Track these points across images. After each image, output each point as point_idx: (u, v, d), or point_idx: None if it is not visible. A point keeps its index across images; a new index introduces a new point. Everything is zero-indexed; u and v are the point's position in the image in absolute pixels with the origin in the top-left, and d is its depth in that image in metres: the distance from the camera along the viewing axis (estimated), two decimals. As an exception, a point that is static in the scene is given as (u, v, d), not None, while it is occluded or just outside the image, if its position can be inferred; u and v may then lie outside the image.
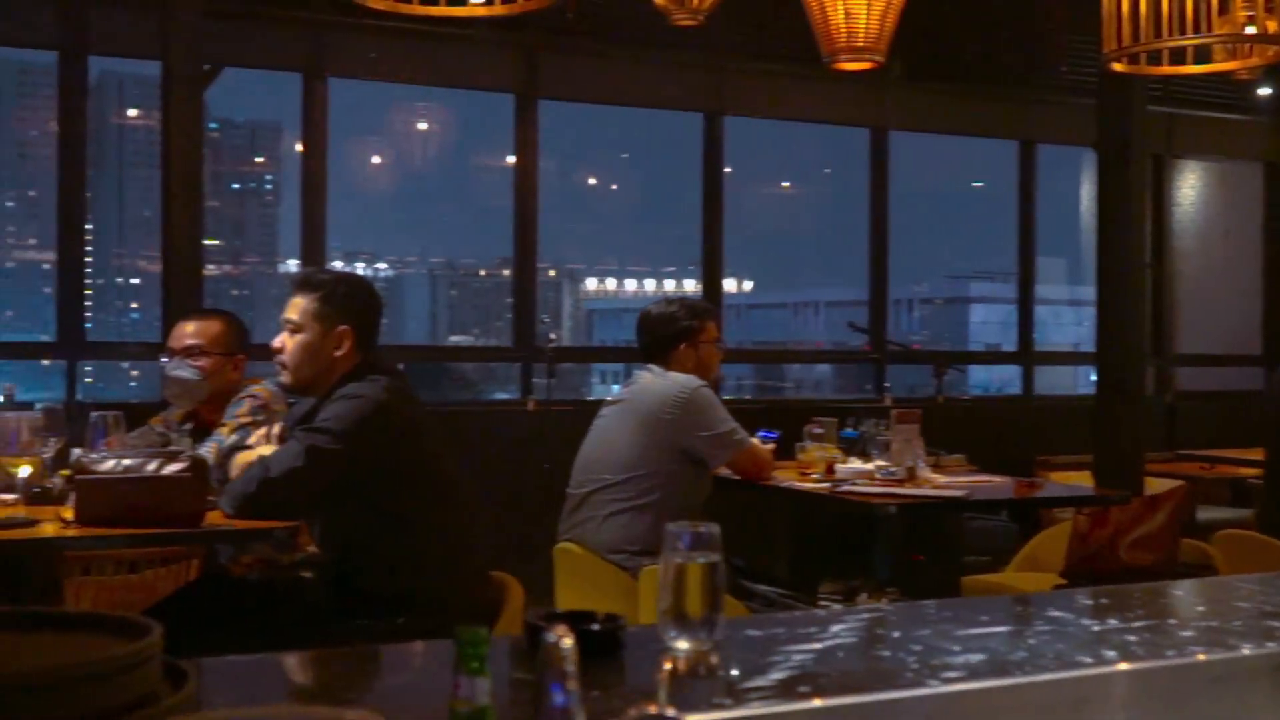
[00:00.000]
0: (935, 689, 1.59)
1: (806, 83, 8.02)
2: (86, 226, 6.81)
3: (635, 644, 1.75)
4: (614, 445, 4.41)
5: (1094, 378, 7.65)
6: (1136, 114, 7.20)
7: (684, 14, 4.88)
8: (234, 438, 3.88)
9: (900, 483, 4.61)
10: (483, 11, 4.68)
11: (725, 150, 8.08)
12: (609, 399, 4.67)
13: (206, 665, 1.62)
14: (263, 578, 3.72)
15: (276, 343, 3.63)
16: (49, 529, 3.20)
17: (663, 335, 4.56)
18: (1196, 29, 3.96)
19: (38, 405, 3.57)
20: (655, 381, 4.47)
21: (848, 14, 4.65)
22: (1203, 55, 4.43)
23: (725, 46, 7.65)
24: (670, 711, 1.20)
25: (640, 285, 19.90)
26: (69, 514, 3.26)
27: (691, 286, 8.38)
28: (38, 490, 3.42)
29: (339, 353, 3.58)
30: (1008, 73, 8.56)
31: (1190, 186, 9.60)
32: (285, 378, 3.64)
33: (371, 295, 3.78)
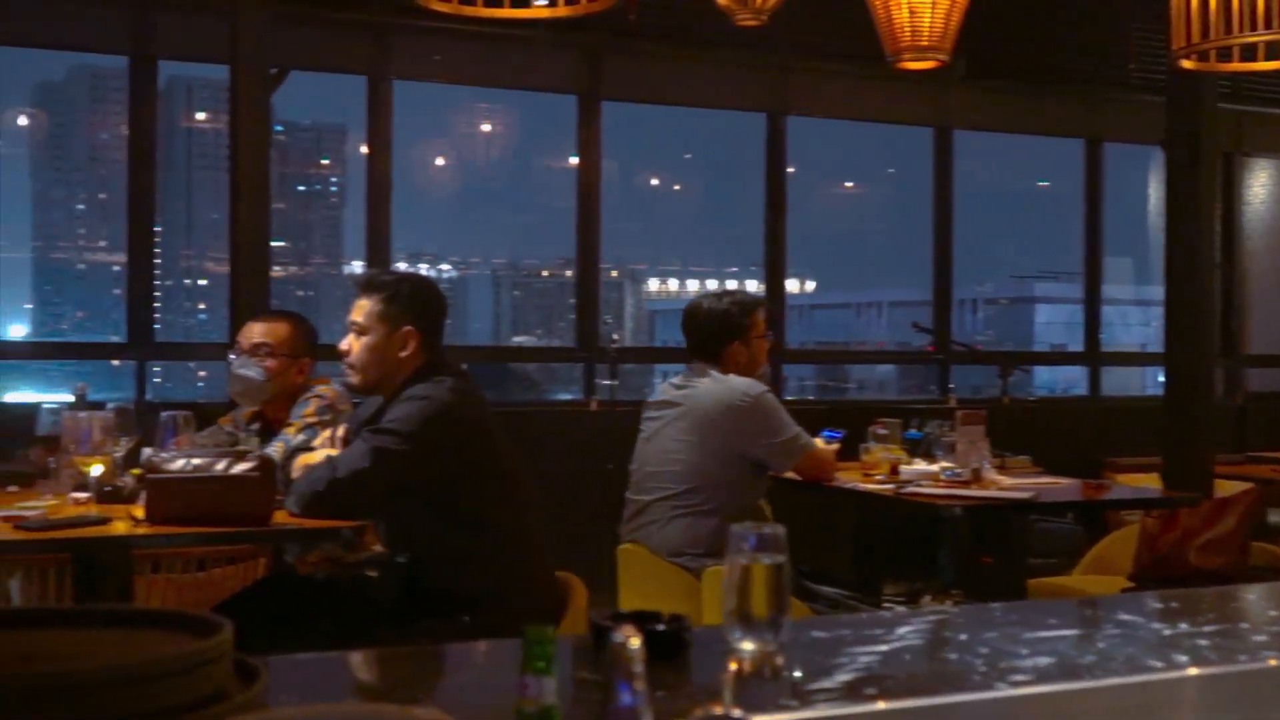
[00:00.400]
0: (1003, 692, 1.57)
1: (870, 82, 7.98)
2: (155, 229, 6.89)
3: (700, 644, 1.75)
4: (674, 457, 4.38)
5: (1162, 378, 7.55)
6: (1206, 111, 7.11)
7: (747, 14, 4.86)
8: (300, 438, 3.92)
9: (965, 484, 4.57)
10: (546, 13, 4.70)
11: (788, 150, 8.06)
12: (656, 399, 4.61)
13: (274, 663, 1.63)
14: (329, 576, 3.75)
15: (343, 345, 3.66)
16: (120, 527, 3.25)
17: (716, 333, 4.52)
18: (1267, 25, 3.91)
19: (109, 405, 3.61)
20: (714, 388, 4.40)
21: (912, 12, 4.62)
22: (1274, 51, 4.36)
23: (788, 46, 7.63)
24: (736, 712, 1.20)
25: (703, 285, 19.88)
26: (140, 512, 3.30)
27: (754, 287, 8.36)
28: (109, 489, 3.47)
29: (404, 353, 3.60)
30: (1074, 70, 8.48)
31: (1261, 185, 9.47)
32: (353, 379, 3.67)
33: (436, 295, 3.79)
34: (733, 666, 1.60)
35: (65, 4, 6.56)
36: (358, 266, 8.86)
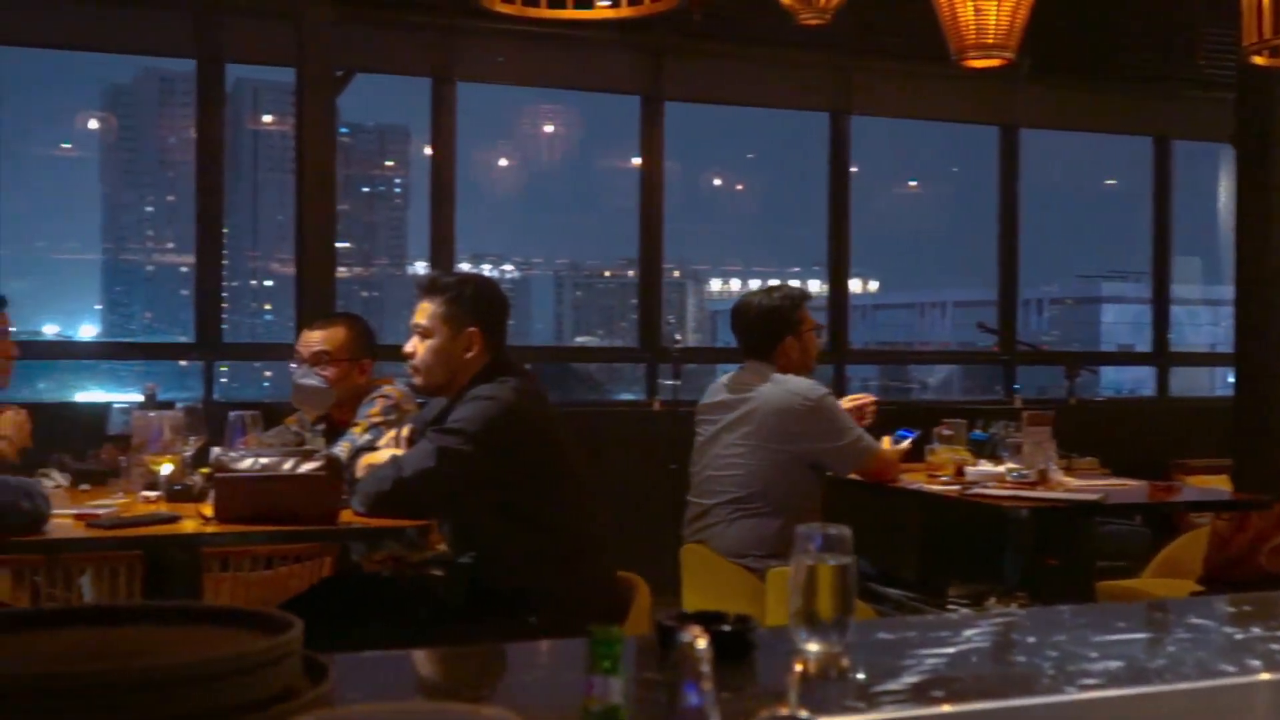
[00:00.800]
0: (1072, 695, 1.56)
1: (934, 80, 7.94)
2: (223, 230, 6.96)
3: (765, 646, 1.75)
4: (735, 461, 4.36)
5: (1232, 379, 7.45)
6: (1277, 108, 7.00)
7: (811, 13, 4.85)
8: (366, 437, 3.95)
9: (1032, 485, 4.53)
10: (609, 14, 4.70)
11: (851, 149, 8.03)
12: (710, 400, 4.59)
13: (339, 661, 1.65)
14: (394, 575, 3.78)
15: (408, 347, 3.67)
16: (190, 525, 3.28)
17: (768, 329, 4.49)
18: (1342, 20, 3.85)
19: (178, 404, 3.66)
20: (774, 391, 4.37)
21: (977, 10, 4.59)
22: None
23: (852, 45, 7.60)
24: (802, 714, 1.19)
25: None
26: (209, 511, 3.33)
27: (816, 287, 8.33)
28: (179, 488, 3.51)
29: (469, 354, 3.61)
30: (1141, 67, 8.38)
31: (1334, 182, 9.30)
32: (417, 381, 3.68)
33: (498, 296, 3.81)
34: (798, 668, 1.59)
35: (133, 8, 6.64)
36: (421, 267, 8.91)
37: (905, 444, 4.77)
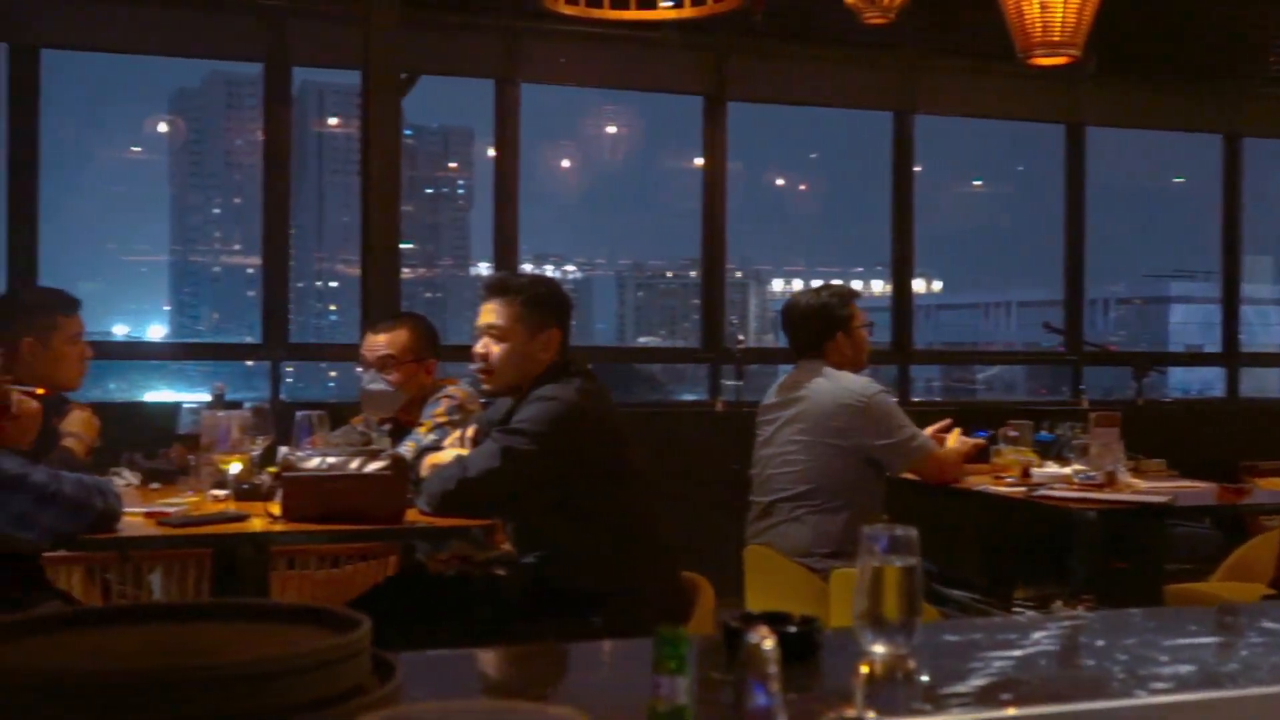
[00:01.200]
0: (1143, 700, 1.54)
1: (999, 79, 7.88)
2: (289, 232, 7.03)
3: (830, 647, 1.74)
4: (792, 458, 4.36)
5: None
6: (1351, 104, 6.89)
7: (875, 12, 4.83)
8: (431, 437, 3.97)
9: (1099, 487, 4.48)
10: (672, 15, 4.71)
11: (915, 149, 7.99)
12: (768, 401, 4.58)
13: (406, 659, 1.66)
14: (459, 574, 3.80)
15: (479, 348, 3.65)
16: (258, 524, 3.32)
17: (818, 326, 4.48)
18: None
19: (246, 404, 3.70)
20: (829, 388, 4.37)
21: (1043, 7, 4.55)
22: None
23: (915, 44, 7.56)
24: (869, 715, 1.19)
25: (827, 286, 19.74)
26: (276, 509, 3.37)
27: (879, 287, 8.29)
28: (247, 486, 3.54)
29: (545, 355, 3.62)
30: (1210, 64, 8.27)
31: None
32: (489, 384, 3.66)
33: (566, 296, 3.83)
34: (864, 669, 1.58)
35: (202, 13, 6.72)
36: (484, 268, 8.95)
37: (976, 441, 4.72)
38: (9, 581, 3.28)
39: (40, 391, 3.43)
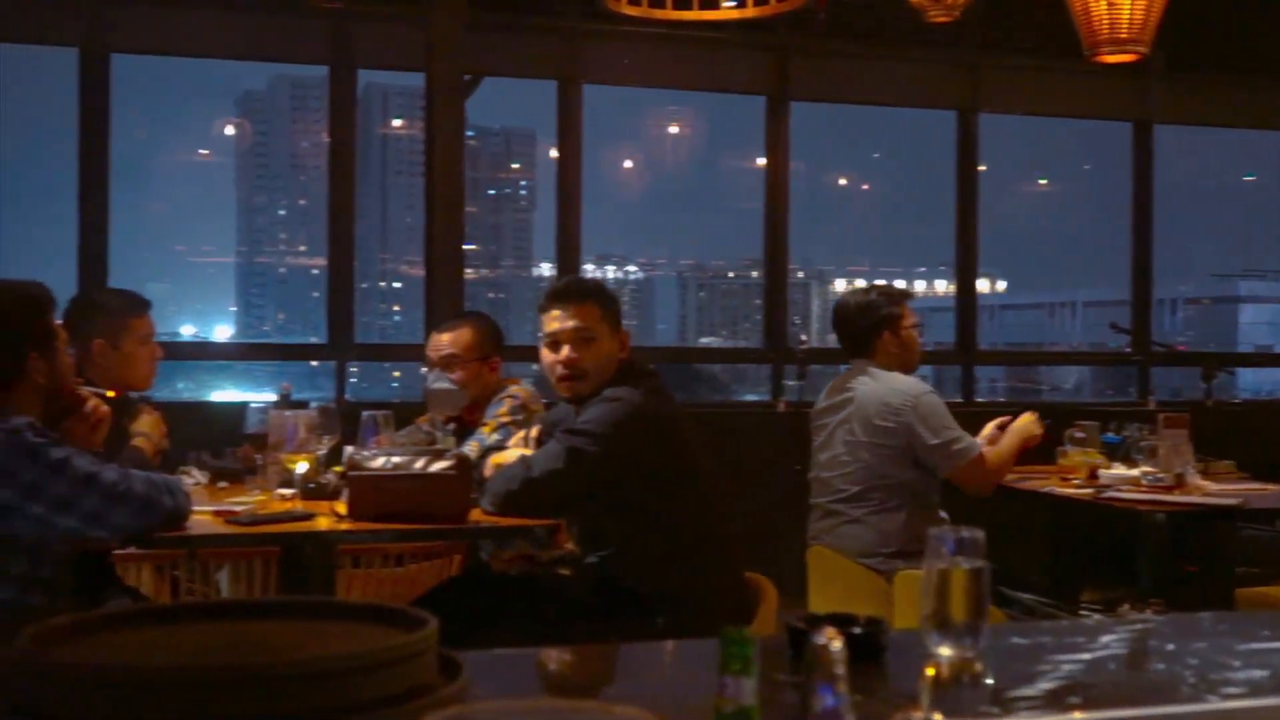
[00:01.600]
0: (1214, 705, 1.52)
1: (1065, 76, 7.80)
2: (354, 233, 7.07)
3: (896, 648, 1.73)
4: (846, 459, 4.33)
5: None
6: None
7: (940, 10, 4.80)
8: (495, 437, 3.99)
9: (1168, 489, 4.43)
10: (735, 15, 4.70)
11: (980, 147, 7.93)
12: (821, 405, 4.56)
13: (470, 658, 1.67)
14: (522, 574, 3.81)
15: (566, 354, 3.62)
16: (324, 523, 3.34)
17: (865, 326, 4.45)
18: None
19: (312, 404, 3.73)
20: (875, 388, 4.33)
21: (1110, 4, 4.51)
22: None
23: (980, 42, 7.51)
24: (935, 718, 1.18)
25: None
26: (342, 509, 3.39)
27: (943, 287, 8.24)
28: (313, 486, 3.57)
29: (623, 355, 3.63)
30: (1281, 60, 8.15)
31: None
32: (579, 389, 3.59)
33: (616, 295, 3.86)
34: (930, 672, 1.57)
35: (268, 17, 6.79)
36: (547, 269, 8.98)
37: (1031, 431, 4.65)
38: (80, 578, 3.33)
39: (110, 394, 3.48)
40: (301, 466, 3.52)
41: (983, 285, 8.69)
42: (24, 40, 6.72)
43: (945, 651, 1.59)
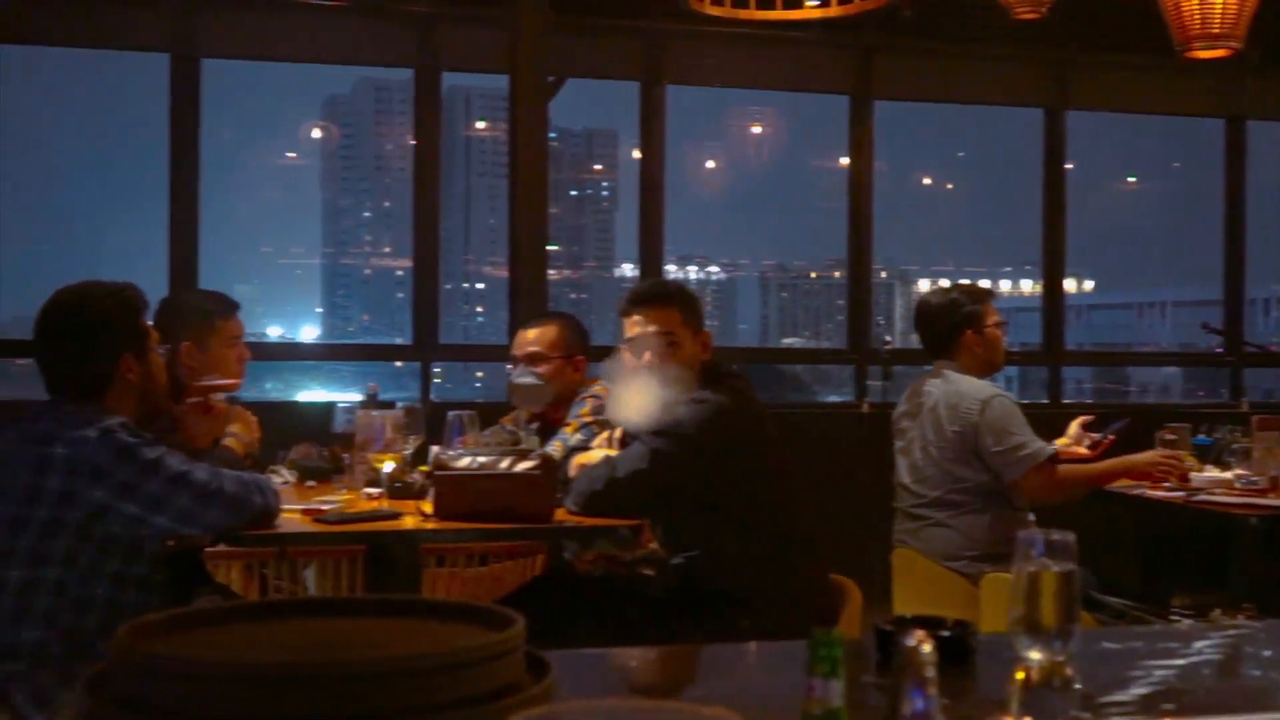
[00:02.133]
0: (1313, 712, 1.49)
1: (1155, 73, 7.69)
2: (439, 235, 7.12)
3: (984, 652, 1.72)
4: (921, 467, 4.30)
5: None
6: None
7: (1027, 7, 4.75)
8: (579, 437, 4.00)
9: (1262, 493, 4.35)
10: (818, 13, 4.68)
11: (1067, 145, 7.83)
12: (901, 408, 4.51)
13: (556, 657, 1.67)
14: (605, 574, 3.82)
15: (648, 358, 3.64)
16: (410, 522, 3.37)
17: (947, 324, 4.39)
18: None
19: (398, 404, 3.76)
20: (946, 391, 4.28)
21: (1203, -1, 4.43)
22: None
23: (1067, 38, 7.41)
24: (1027, 722, 1.17)
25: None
26: (428, 508, 3.42)
27: (1029, 287, 8.16)
28: (399, 485, 3.60)
29: (705, 357, 3.63)
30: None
31: None
32: (663, 390, 3.60)
33: (697, 296, 3.85)
34: (1020, 676, 1.56)
35: (354, 21, 6.87)
36: (629, 269, 9.00)
37: (1103, 442, 4.58)
38: (172, 576, 3.38)
39: (234, 381, 3.54)
40: (388, 466, 3.55)
41: (1070, 285, 8.58)
42: (117, 46, 6.85)
43: (1035, 655, 1.58)
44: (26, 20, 6.53)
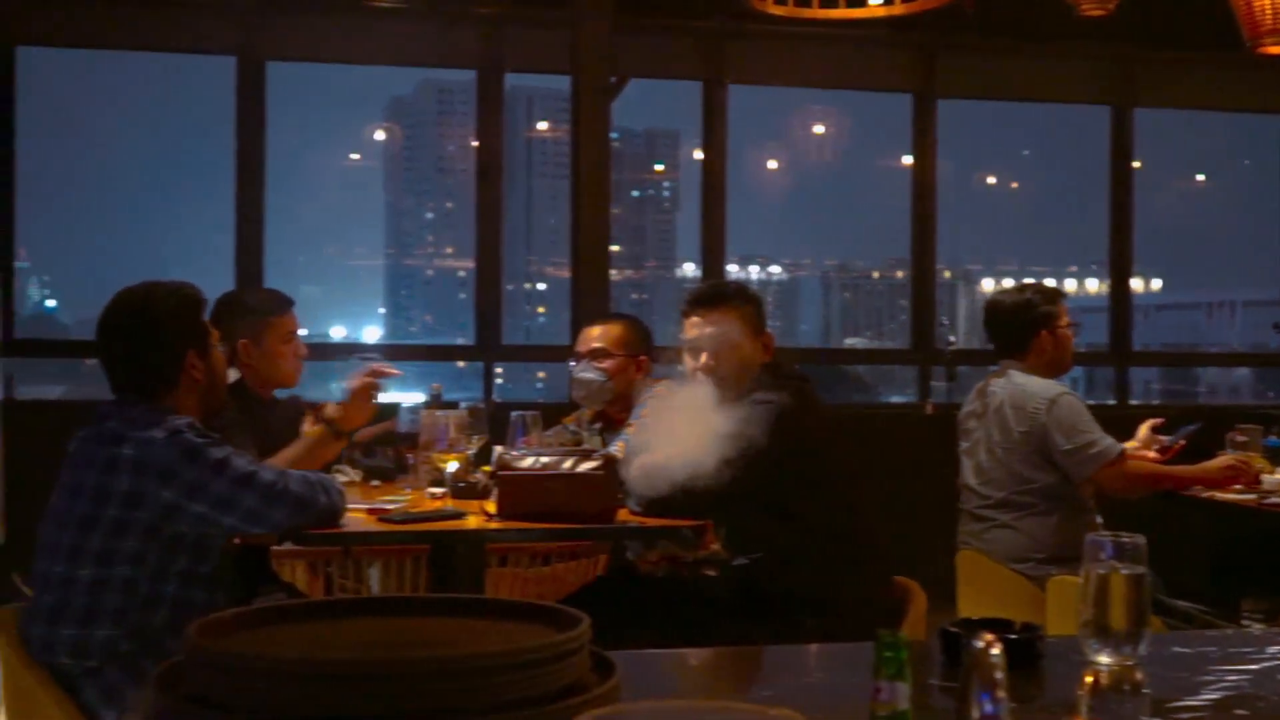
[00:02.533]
0: (1391, 720, 1.47)
1: (1223, 70, 7.59)
2: (501, 236, 7.15)
3: (1053, 655, 1.70)
4: (985, 469, 4.26)
5: None
6: None
7: (1093, 3, 4.70)
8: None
9: (1335, 496, 4.28)
10: (881, 12, 4.66)
11: (1134, 143, 7.74)
12: (966, 409, 4.48)
13: (618, 658, 1.67)
14: (668, 575, 3.81)
15: (704, 361, 3.65)
16: (474, 521, 3.39)
17: (1020, 324, 4.34)
18: None
19: (462, 404, 3.77)
20: (1012, 391, 4.23)
21: (1273, -6, 4.37)
22: None
23: (1134, 35, 7.33)
24: (1097, 727, 1.16)
25: (1039, 286, 19.33)
26: (492, 508, 3.43)
27: (1094, 286, 8.07)
28: (462, 485, 3.62)
29: (765, 358, 3.62)
30: None
31: None
32: (728, 393, 3.61)
33: (760, 297, 3.83)
34: (1089, 679, 1.54)
35: (416, 23, 6.91)
36: (690, 270, 9.00)
37: (1173, 447, 4.52)
38: (239, 574, 3.42)
39: (394, 372, 3.62)
40: (452, 466, 3.56)
41: (1137, 284, 8.47)
42: (184, 50, 6.94)
43: (1104, 659, 1.56)
44: (96, 25, 6.64)
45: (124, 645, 2.74)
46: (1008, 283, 4.97)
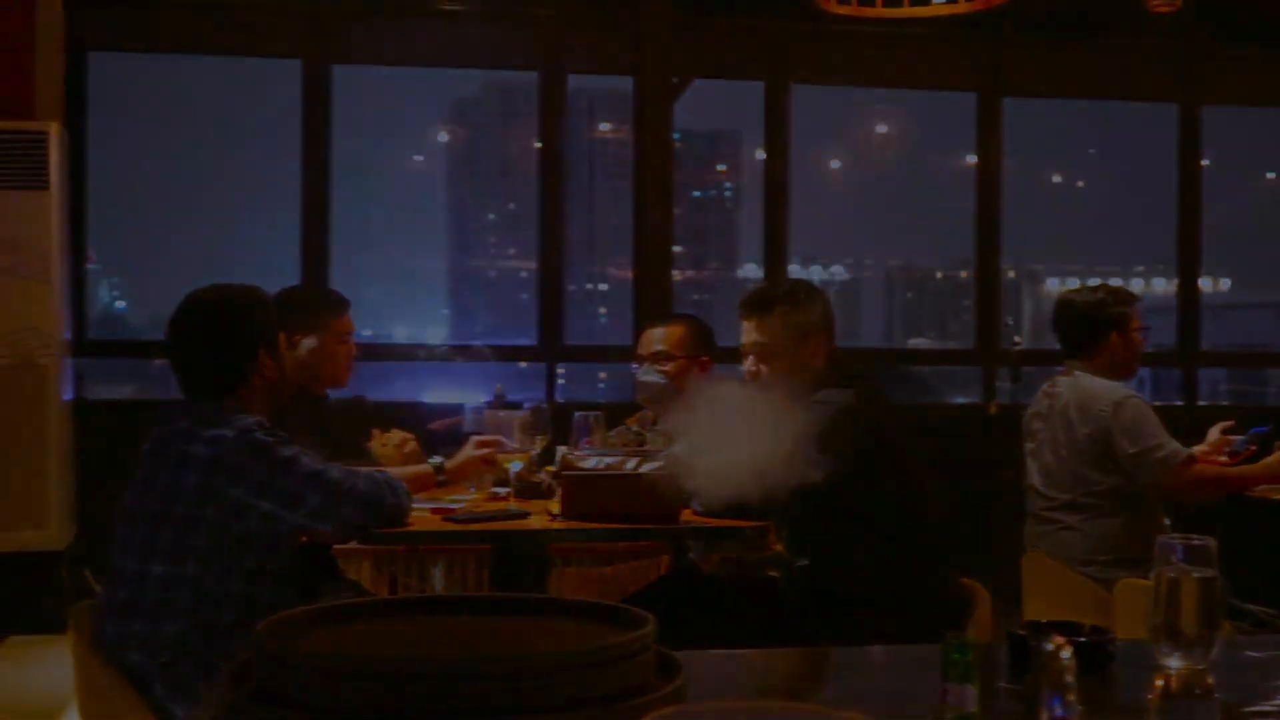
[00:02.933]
0: None
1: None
2: (564, 237, 7.16)
3: (1123, 658, 1.68)
4: (1050, 470, 4.22)
5: None
6: None
7: (1162, 0, 4.65)
8: (704, 438, 4.00)
9: None
10: (945, 10, 4.63)
11: (1203, 141, 7.64)
12: (1032, 409, 4.43)
13: (682, 658, 1.67)
14: (731, 575, 3.81)
15: (749, 367, 3.64)
16: (537, 521, 3.40)
17: (1092, 324, 4.29)
18: None
19: (525, 405, 3.79)
20: (1076, 394, 4.19)
21: (1347, -11, 4.30)
22: None
23: (1202, 31, 7.24)
24: (1168, 732, 1.14)
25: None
26: (555, 508, 3.45)
27: (1162, 286, 7.97)
28: (526, 485, 3.64)
29: (816, 362, 3.61)
30: None
31: None
32: (783, 393, 3.61)
33: (825, 295, 3.81)
34: (1159, 684, 1.53)
35: (480, 26, 6.95)
36: (752, 270, 8.99)
37: (1243, 451, 4.45)
38: (304, 572, 3.45)
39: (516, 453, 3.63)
40: (516, 466, 3.58)
41: (1205, 284, 8.36)
42: (251, 54, 7.01)
43: (1175, 663, 1.54)
44: (165, 30, 6.73)
45: (194, 641, 2.78)
46: (1073, 283, 4.92)
